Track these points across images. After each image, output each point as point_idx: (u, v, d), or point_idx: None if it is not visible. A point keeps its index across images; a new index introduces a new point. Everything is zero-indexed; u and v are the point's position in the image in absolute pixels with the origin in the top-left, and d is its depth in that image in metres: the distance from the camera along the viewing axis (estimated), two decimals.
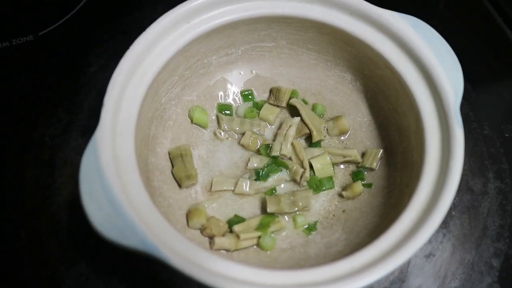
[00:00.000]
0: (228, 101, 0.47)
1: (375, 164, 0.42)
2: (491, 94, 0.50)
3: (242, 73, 0.47)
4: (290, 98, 0.46)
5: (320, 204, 0.43)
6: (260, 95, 0.47)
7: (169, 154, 0.42)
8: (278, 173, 0.43)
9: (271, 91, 0.47)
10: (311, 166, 0.43)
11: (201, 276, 0.30)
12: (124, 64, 0.36)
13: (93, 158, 0.31)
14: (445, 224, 0.43)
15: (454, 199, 0.44)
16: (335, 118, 0.45)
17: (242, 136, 0.45)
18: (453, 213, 0.44)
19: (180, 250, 0.31)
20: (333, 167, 0.43)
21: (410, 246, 0.31)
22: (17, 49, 0.51)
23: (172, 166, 0.42)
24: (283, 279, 0.31)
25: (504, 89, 0.49)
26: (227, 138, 0.45)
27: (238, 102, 0.47)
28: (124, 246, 0.30)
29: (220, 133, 0.44)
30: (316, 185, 0.43)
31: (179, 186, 0.41)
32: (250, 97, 0.47)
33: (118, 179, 0.32)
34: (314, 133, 0.44)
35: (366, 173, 0.43)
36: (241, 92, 0.47)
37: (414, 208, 0.34)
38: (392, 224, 0.33)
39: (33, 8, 0.54)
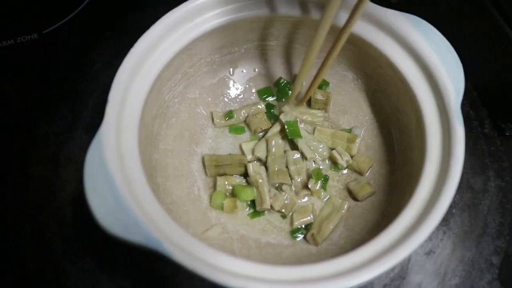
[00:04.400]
0: (232, 97, 0.47)
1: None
2: (492, 93, 0.50)
3: (244, 71, 0.47)
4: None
5: (323, 201, 0.43)
6: None
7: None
8: None
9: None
10: None
11: (204, 272, 0.30)
12: (129, 61, 0.36)
13: (98, 154, 0.32)
14: (445, 221, 0.43)
15: (455, 197, 0.44)
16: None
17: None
18: (453, 211, 0.44)
19: (183, 246, 0.31)
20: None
21: (410, 243, 0.31)
22: (22, 47, 0.52)
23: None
24: (285, 275, 0.31)
25: (505, 88, 0.49)
26: None
27: (240, 99, 0.47)
28: (127, 241, 0.30)
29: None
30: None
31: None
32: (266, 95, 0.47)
33: (122, 175, 0.32)
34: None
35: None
36: (258, 92, 0.47)
37: (415, 205, 0.34)
38: (393, 221, 0.33)
39: (37, 6, 0.55)
